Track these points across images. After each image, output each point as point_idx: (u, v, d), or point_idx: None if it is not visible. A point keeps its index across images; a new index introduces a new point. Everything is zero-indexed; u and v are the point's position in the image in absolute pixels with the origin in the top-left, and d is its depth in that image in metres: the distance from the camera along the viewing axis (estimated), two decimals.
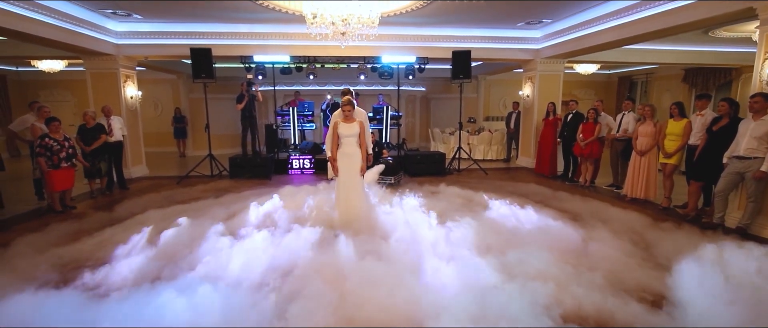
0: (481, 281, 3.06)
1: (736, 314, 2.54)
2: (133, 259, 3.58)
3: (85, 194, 6.61)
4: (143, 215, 5.02)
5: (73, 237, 4.31)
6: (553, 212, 5.06)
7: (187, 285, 2.94)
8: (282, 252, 3.66)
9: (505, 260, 3.44)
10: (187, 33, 7.86)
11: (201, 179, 7.80)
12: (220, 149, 10.86)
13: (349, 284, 2.94)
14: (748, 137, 4.34)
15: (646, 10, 5.98)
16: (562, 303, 2.79)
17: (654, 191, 5.98)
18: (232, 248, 3.74)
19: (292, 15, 6.89)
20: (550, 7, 6.92)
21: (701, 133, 5.19)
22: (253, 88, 8.49)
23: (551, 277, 3.12)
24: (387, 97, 12.02)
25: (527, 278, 3.08)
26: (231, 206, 5.52)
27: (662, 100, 11.85)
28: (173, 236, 4.06)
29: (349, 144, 4.53)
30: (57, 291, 3.00)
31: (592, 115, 6.96)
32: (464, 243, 3.83)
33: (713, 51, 9.34)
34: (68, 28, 6.50)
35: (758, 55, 4.57)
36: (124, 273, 3.33)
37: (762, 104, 4.26)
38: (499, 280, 3.07)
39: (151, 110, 12.46)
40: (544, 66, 9.07)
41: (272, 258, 3.54)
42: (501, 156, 10.78)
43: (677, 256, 3.44)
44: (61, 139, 5.68)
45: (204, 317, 2.59)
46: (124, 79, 8.12)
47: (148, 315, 2.57)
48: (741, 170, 4.42)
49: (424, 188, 6.65)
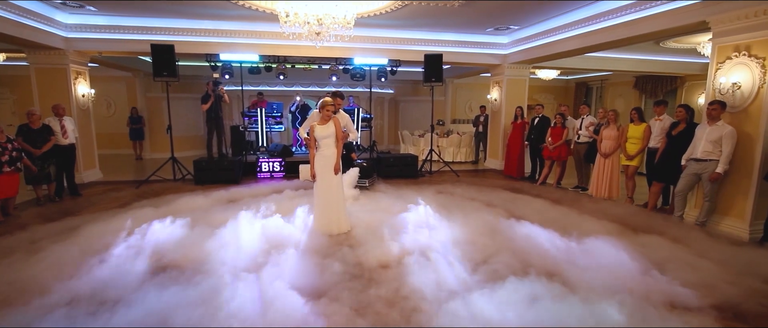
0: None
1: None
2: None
3: (30, 201, 6.01)
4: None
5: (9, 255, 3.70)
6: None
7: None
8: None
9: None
10: (147, 28, 7.36)
11: (163, 183, 7.35)
12: (181, 152, 10.28)
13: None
14: (704, 141, 4.68)
15: (608, 20, 6.32)
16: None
17: (617, 191, 6.31)
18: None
19: (262, 13, 6.65)
20: (518, 15, 7.15)
21: (660, 136, 5.55)
22: (219, 88, 8.11)
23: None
24: (357, 98, 11.95)
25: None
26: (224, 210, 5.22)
27: (615, 105, 12.63)
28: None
29: (326, 145, 4.42)
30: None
31: (560, 120, 7.25)
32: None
33: (662, 60, 10.06)
34: (9, 18, 5.87)
35: (711, 66, 4.95)
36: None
37: (718, 111, 4.61)
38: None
39: (103, 110, 11.59)
40: (511, 71, 9.36)
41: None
42: (470, 158, 11.01)
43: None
44: (3, 142, 5.12)
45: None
46: (75, 76, 7.47)
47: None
48: (698, 171, 4.76)
49: (428, 193, 6.53)
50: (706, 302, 2.99)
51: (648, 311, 2.78)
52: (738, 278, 3.34)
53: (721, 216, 4.84)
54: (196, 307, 2.74)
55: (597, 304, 2.79)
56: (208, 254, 3.73)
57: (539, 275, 3.23)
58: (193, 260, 3.65)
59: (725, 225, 4.76)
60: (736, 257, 3.79)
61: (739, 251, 3.98)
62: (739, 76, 4.56)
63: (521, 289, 2.98)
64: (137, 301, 2.88)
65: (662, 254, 3.82)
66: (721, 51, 4.80)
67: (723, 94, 4.71)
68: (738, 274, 3.43)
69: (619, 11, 6.04)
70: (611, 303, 2.77)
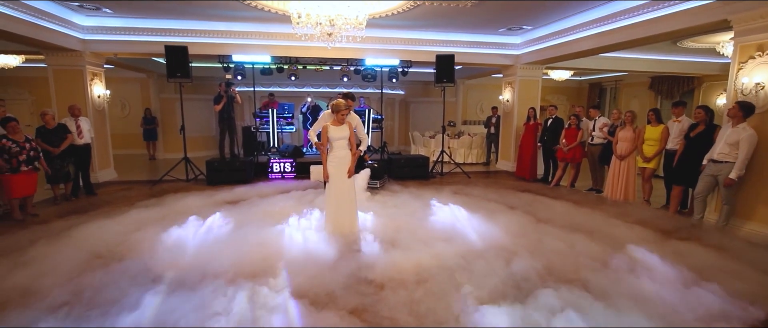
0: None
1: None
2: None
3: (48, 200, 6.11)
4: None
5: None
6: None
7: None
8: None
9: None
10: (161, 30, 7.46)
11: (176, 183, 7.42)
12: (194, 152, 10.39)
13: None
14: (722, 142, 4.56)
15: (624, 19, 6.19)
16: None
17: (633, 194, 6.18)
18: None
19: (274, 14, 6.68)
20: (531, 14, 7.06)
21: (679, 138, 5.41)
22: (231, 89, 8.17)
23: None
24: (368, 100, 11.94)
25: None
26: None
27: (630, 106, 12.34)
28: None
29: (340, 147, 4.39)
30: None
31: (575, 122, 7.14)
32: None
33: (678, 60, 9.85)
34: (28, 21, 5.99)
35: (733, 66, 4.82)
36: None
37: (736, 112, 4.48)
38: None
39: (117, 110, 11.79)
40: (524, 72, 9.25)
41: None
42: (481, 159, 10.92)
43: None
44: (21, 141, 5.22)
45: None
46: (91, 77, 7.60)
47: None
48: (714, 172, 4.63)
49: (444, 194, 6.48)
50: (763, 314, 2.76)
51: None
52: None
53: (744, 220, 4.69)
54: (193, 312, 2.72)
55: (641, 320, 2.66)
56: (208, 258, 3.64)
57: (576, 286, 3.10)
58: (191, 265, 3.53)
59: (748, 229, 4.61)
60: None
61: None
62: (763, 76, 4.42)
63: (554, 302, 2.86)
64: (131, 305, 2.83)
65: (701, 262, 3.60)
66: (744, 50, 4.67)
67: (745, 94, 4.58)
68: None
69: (636, 10, 5.91)
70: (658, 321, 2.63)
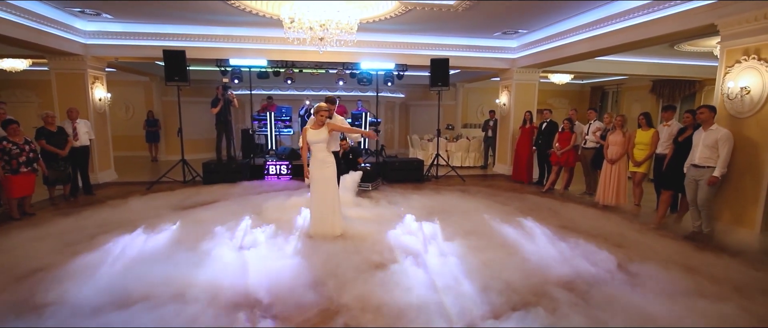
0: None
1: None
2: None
3: (45, 200, 6.27)
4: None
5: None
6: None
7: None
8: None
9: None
10: (160, 34, 7.62)
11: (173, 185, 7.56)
12: (195, 154, 10.56)
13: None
14: (701, 146, 4.53)
15: (617, 23, 6.20)
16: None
17: (624, 198, 6.15)
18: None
19: (269, 19, 6.79)
20: (525, 18, 7.08)
21: (668, 142, 5.38)
22: (228, 92, 8.31)
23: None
24: (366, 103, 12.01)
25: None
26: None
27: (632, 110, 12.29)
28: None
29: (318, 150, 4.48)
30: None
31: (568, 125, 7.12)
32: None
33: (678, 64, 9.77)
34: (32, 27, 6.19)
35: (719, 70, 4.80)
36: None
37: (707, 115, 4.48)
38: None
39: (121, 113, 12.03)
40: (520, 75, 9.26)
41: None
42: (478, 163, 10.92)
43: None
44: (21, 143, 5.38)
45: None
46: (93, 80, 7.79)
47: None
48: (697, 177, 4.60)
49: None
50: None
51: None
52: None
53: (732, 225, 4.65)
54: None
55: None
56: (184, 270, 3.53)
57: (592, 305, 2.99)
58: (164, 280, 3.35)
59: (736, 235, 4.56)
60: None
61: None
62: (748, 81, 4.40)
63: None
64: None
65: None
66: (730, 54, 4.65)
67: (731, 99, 4.56)
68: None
69: (629, 13, 5.92)
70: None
